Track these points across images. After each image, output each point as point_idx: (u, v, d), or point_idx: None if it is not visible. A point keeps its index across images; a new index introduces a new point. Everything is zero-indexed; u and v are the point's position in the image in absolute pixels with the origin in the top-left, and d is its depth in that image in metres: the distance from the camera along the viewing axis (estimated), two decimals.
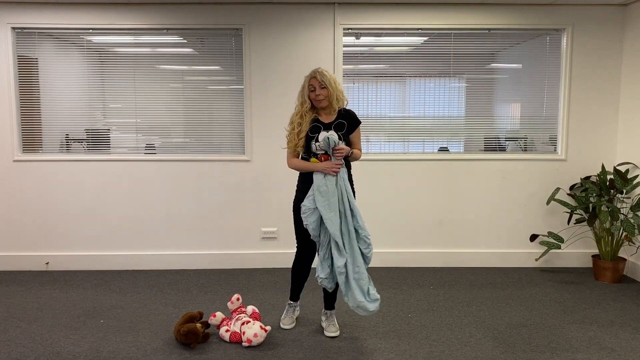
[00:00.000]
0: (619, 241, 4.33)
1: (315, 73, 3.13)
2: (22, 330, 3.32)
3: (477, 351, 3.02)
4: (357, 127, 3.21)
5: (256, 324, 3.09)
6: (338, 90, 3.14)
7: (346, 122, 3.15)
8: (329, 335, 3.23)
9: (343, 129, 3.14)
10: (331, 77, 3.12)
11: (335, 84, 3.12)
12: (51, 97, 4.61)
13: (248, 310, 3.34)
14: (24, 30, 4.53)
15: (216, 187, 4.66)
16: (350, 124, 3.16)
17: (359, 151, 3.24)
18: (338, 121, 3.15)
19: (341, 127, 3.15)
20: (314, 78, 3.11)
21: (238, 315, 3.25)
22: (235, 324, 3.17)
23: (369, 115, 4.72)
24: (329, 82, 3.09)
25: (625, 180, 4.27)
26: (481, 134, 4.79)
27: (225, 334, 3.16)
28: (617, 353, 3.00)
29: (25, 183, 4.61)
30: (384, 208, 4.71)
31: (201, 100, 4.68)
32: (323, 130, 3.12)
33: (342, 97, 3.19)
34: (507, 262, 4.77)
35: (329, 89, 3.09)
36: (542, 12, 4.57)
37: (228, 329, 3.16)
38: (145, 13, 4.50)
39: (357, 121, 3.21)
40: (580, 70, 4.62)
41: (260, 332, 3.06)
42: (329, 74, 3.13)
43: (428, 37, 4.71)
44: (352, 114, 3.22)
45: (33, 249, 4.66)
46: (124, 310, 3.68)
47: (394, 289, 4.12)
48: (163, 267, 4.68)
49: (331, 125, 3.14)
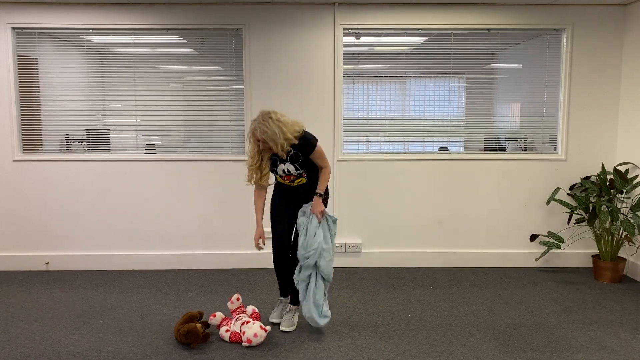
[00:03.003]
0: (619, 241, 4.33)
1: (257, 128, 3.00)
2: (22, 330, 3.33)
3: (477, 351, 3.02)
4: (314, 150, 3.15)
5: (256, 324, 3.09)
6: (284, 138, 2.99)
7: (300, 153, 3.13)
8: (283, 330, 3.30)
9: (299, 160, 3.16)
10: (272, 132, 2.96)
11: (277, 136, 2.97)
12: (51, 97, 4.61)
13: (248, 310, 3.34)
14: (24, 30, 4.53)
15: (216, 187, 4.66)
16: (304, 152, 3.14)
17: (325, 168, 3.23)
18: (292, 153, 3.12)
19: (296, 159, 3.15)
20: (254, 133, 3.03)
21: (238, 315, 3.25)
22: (235, 324, 3.17)
23: (369, 115, 4.72)
24: (270, 138, 2.98)
25: (625, 180, 4.27)
26: (481, 134, 4.79)
27: (225, 334, 3.16)
28: (617, 353, 3.00)
29: (25, 183, 4.61)
30: (384, 208, 4.71)
31: (201, 100, 4.68)
32: (280, 163, 3.17)
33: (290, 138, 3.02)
34: (507, 262, 4.77)
35: (270, 144, 3.01)
36: (542, 12, 4.57)
37: (228, 329, 3.16)
38: (145, 13, 4.51)
39: (311, 146, 3.13)
40: (580, 70, 4.63)
41: (260, 332, 3.06)
42: (270, 128, 2.96)
43: (428, 37, 4.71)
44: (305, 140, 3.11)
45: (33, 249, 4.67)
46: (124, 310, 3.68)
47: (394, 289, 4.12)
48: (163, 267, 4.68)
49: (287, 159, 3.14)
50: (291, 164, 3.16)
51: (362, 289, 4.13)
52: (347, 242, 4.72)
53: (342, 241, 4.73)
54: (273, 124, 2.99)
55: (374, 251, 4.75)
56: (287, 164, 3.16)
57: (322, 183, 3.23)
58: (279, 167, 3.20)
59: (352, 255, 4.74)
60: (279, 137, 2.99)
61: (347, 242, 4.71)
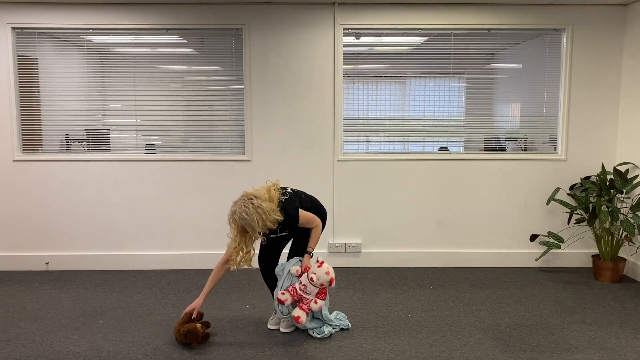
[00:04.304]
0: (619, 241, 4.33)
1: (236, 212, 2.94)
2: (22, 330, 3.33)
3: (477, 351, 3.02)
4: (298, 222, 3.14)
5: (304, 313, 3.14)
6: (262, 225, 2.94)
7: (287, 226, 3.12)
8: (282, 331, 3.29)
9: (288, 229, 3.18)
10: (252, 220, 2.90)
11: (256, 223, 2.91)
12: (51, 97, 4.61)
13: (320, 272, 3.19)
14: (24, 30, 4.53)
15: (216, 187, 4.66)
16: (291, 226, 3.14)
17: (314, 228, 3.23)
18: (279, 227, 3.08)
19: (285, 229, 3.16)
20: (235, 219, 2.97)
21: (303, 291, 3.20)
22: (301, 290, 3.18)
23: (369, 115, 4.72)
24: (250, 226, 2.92)
25: (625, 180, 4.27)
26: (481, 134, 4.79)
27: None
28: (617, 353, 3.00)
29: (25, 183, 4.61)
30: (384, 208, 4.71)
31: (201, 100, 4.68)
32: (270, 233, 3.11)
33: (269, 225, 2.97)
34: (507, 262, 4.77)
35: (250, 232, 2.97)
36: (542, 12, 4.57)
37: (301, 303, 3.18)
38: (145, 13, 4.51)
39: (295, 220, 3.11)
40: (580, 70, 4.62)
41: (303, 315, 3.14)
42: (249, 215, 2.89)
43: (428, 37, 4.71)
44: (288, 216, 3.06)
45: (33, 249, 4.67)
46: (124, 310, 3.68)
47: (394, 289, 4.12)
48: (163, 267, 4.68)
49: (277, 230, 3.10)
50: (281, 232, 3.19)
51: (362, 289, 4.13)
52: (347, 242, 4.72)
53: (342, 241, 4.73)
54: (253, 211, 2.91)
55: (374, 251, 4.75)
56: (279, 233, 3.18)
57: (312, 241, 3.26)
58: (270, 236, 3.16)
59: (352, 255, 4.74)
60: (257, 224, 2.91)
61: (347, 242, 4.71)
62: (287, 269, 3.26)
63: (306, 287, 3.17)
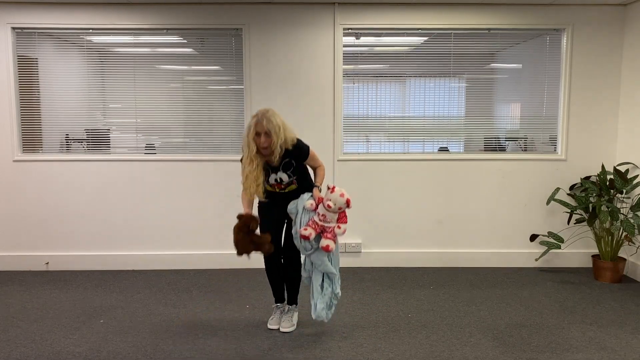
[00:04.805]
0: (619, 241, 4.33)
1: (263, 118, 2.96)
2: (22, 330, 3.32)
3: (477, 351, 3.02)
4: (308, 156, 3.17)
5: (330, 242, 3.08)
6: (284, 137, 3.00)
7: (294, 160, 3.13)
8: (283, 331, 3.28)
9: (291, 168, 3.15)
10: (277, 124, 2.96)
11: (280, 131, 2.97)
12: (51, 97, 4.61)
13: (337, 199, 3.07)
14: (24, 30, 4.53)
15: (216, 187, 4.66)
16: (297, 160, 3.15)
17: (319, 167, 3.24)
18: (285, 161, 3.11)
19: (288, 167, 3.14)
20: (260, 123, 2.96)
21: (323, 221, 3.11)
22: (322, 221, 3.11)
23: (369, 115, 4.72)
24: (274, 130, 2.95)
25: (625, 180, 4.27)
26: (481, 134, 4.79)
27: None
28: (617, 353, 3.00)
29: (25, 183, 4.61)
30: (384, 208, 4.71)
31: (201, 100, 4.68)
32: (272, 172, 3.14)
33: (288, 138, 3.04)
34: (507, 262, 4.77)
35: (273, 138, 2.96)
36: (542, 12, 4.57)
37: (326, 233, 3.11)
38: (145, 13, 4.50)
39: (304, 153, 3.15)
40: (580, 70, 4.62)
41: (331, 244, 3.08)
42: (275, 119, 2.96)
43: (428, 37, 4.71)
44: (298, 148, 3.11)
45: (33, 249, 4.66)
46: (124, 310, 3.68)
47: (394, 289, 4.12)
48: (163, 267, 4.68)
49: (279, 167, 3.12)
50: (284, 172, 3.14)
51: (362, 289, 4.13)
52: (347, 242, 4.72)
53: (342, 241, 4.73)
54: (277, 118, 3.00)
55: (374, 251, 4.75)
56: (280, 173, 3.14)
57: (319, 178, 3.23)
58: (271, 176, 3.16)
59: (352, 255, 4.74)
60: (281, 131, 2.98)
61: (347, 242, 4.71)
62: (300, 205, 3.16)
63: (325, 217, 3.08)
